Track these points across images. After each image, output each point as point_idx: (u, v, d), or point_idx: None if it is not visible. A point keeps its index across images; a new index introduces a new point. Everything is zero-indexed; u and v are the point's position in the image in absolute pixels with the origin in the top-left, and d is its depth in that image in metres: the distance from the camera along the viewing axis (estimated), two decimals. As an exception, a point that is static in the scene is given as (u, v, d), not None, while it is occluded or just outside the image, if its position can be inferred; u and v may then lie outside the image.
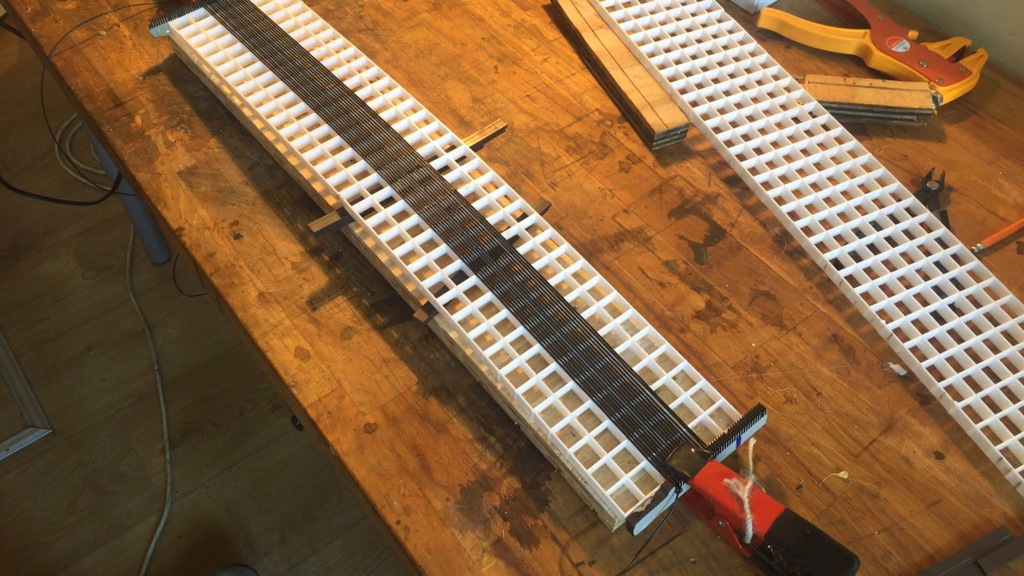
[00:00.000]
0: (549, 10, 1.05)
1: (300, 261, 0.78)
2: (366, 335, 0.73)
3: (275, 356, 0.72)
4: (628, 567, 0.62)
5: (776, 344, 0.74)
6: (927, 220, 0.82)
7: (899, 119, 0.92)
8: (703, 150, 0.90)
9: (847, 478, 0.67)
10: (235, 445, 1.51)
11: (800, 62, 1.00)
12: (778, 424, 0.69)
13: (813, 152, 0.87)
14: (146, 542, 1.39)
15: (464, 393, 0.70)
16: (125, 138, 0.87)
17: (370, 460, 0.66)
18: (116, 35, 0.98)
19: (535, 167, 0.87)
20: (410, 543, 0.62)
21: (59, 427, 1.52)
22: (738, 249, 0.81)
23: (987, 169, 0.90)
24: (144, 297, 1.71)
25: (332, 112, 0.83)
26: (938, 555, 0.63)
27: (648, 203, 0.85)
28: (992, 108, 0.96)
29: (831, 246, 0.80)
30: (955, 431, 0.70)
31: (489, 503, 0.64)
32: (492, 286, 0.71)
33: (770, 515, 0.59)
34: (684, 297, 0.77)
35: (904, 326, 0.75)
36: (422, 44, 0.99)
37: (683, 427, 0.64)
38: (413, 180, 0.78)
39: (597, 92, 0.95)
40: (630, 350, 0.69)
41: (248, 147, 0.87)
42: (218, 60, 0.87)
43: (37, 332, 1.65)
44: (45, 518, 1.42)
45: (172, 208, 0.82)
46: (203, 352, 1.63)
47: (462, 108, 0.92)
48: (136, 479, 1.47)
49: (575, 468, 0.63)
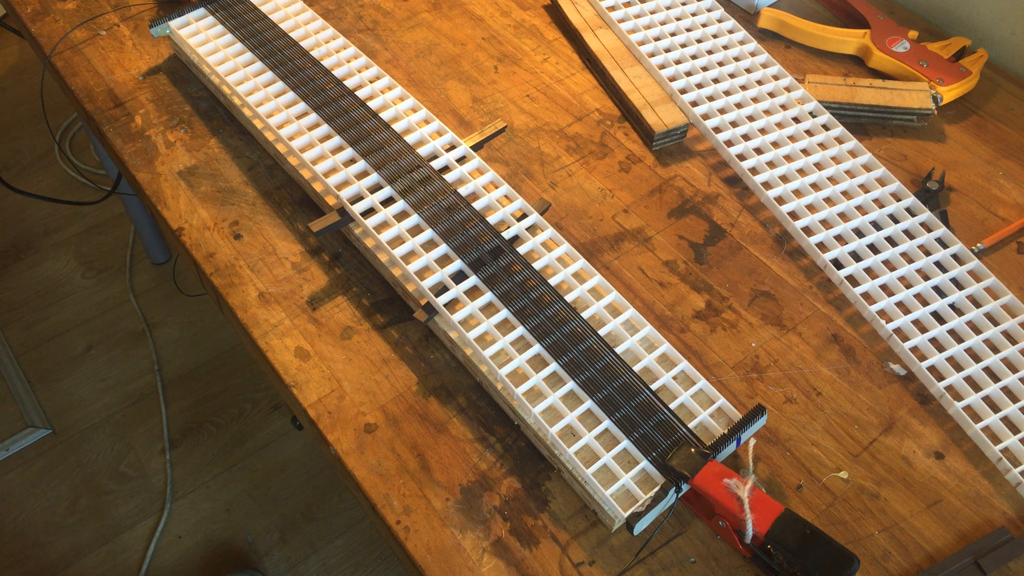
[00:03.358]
0: (549, 10, 1.05)
1: (300, 261, 0.78)
2: (366, 335, 0.73)
3: (275, 356, 0.72)
4: (628, 567, 0.62)
5: (776, 344, 0.74)
6: (927, 220, 0.82)
7: (899, 119, 0.92)
8: (703, 150, 0.90)
9: (847, 478, 0.67)
10: (235, 445, 1.51)
11: (800, 62, 1.00)
12: (778, 424, 0.69)
13: (813, 152, 0.87)
14: (146, 542, 1.39)
15: (464, 393, 0.70)
16: (125, 138, 0.87)
17: (370, 460, 0.66)
18: (116, 35, 0.98)
19: (535, 167, 0.87)
20: (410, 543, 0.62)
21: (59, 427, 1.52)
22: (738, 249, 0.81)
23: (987, 169, 0.90)
24: (144, 297, 1.71)
25: (332, 112, 0.83)
26: (938, 555, 0.63)
27: (648, 203, 0.85)
28: (992, 108, 0.96)
29: (831, 246, 0.80)
30: (955, 431, 0.70)
31: (489, 503, 0.64)
32: (492, 286, 0.71)
33: (770, 515, 0.59)
34: (684, 297, 0.77)
35: (904, 326, 0.75)
36: (422, 44, 0.99)
37: (683, 427, 0.64)
38: (413, 180, 0.78)
39: (597, 92, 0.95)
40: (630, 350, 0.69)
41: (248, 147, 0.87)
42: (218, 60, 0.88)
43: (37, 332, 1.65)
44: (45, 518, 1.42)
45: (172, 208, 0.82)
46: (203, 352, 1.63)
47: (462, 108, 0.92)
48: (136, 479, 1.47)
49: (575, 468, 0.63)
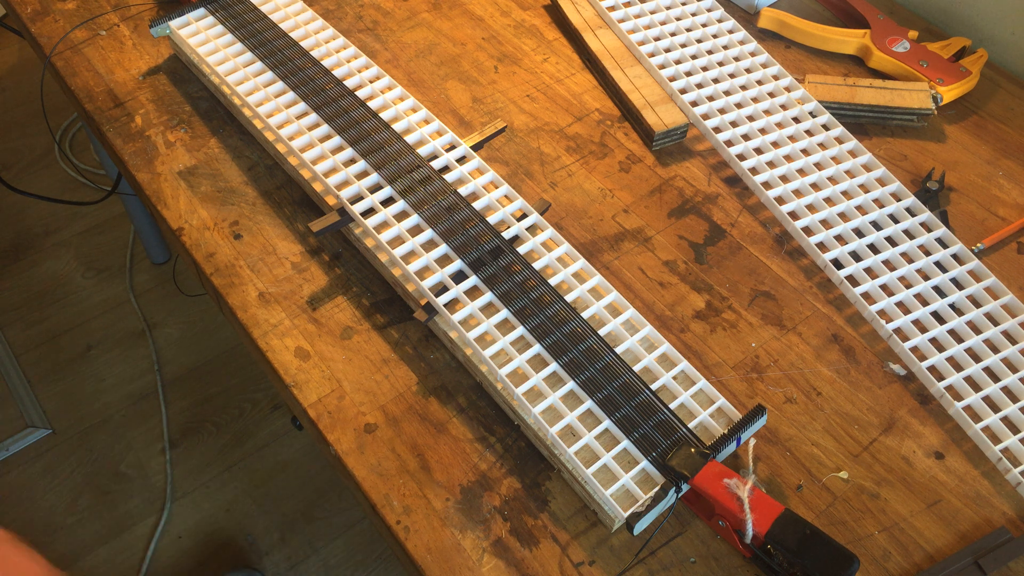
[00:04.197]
0: (549, 10, 1.05)
1: (300, 261, 0.78)
2: (366, 335, 0.73)
3: (275, 356, 0.72)
4: (628, 567, 0.62)
5: (776, 344, 0.74)
6: (927, 220, 0.82)
7: (899, 119, 0.92)
8: (703, 150, 0.90)
9: (847, 478, 0.67)
10: (235, 445, 1.51)
11: (800, 62, 1.00)
12: (778, 424, 0.69)
13: (813, 152, 0.87)
14: (146, 542, 1.39)
15: (464, 393, 0.70)
16: (125, 138, 0.87)
17: (370, 460, 0.66)
18: (116, 35, 0.98)
19: (535, 167, 0.87)
20: (410, 543, 0.62)
21: (59, 427, 1.52)
22: (738, 249, 0.81)
23: (987, 169, 0.90)
24: (144, 297, 1.71)
25: (332, 112, 0.83)
26: (938, 555, 0.63)
27: (648, 203, 0.85)
28: (992, 108, 0.96)
29: (831, 246, 0.80)
30: (955, 431, 0.70)
31: (489, 503, 0.64)
32: (492, 286, 0.71)
33: (770, 515, 0.59)
34: (684, 297, 0.77)
35: (904, 326, 0.75)
36: (422, 44, 0.99)
37: (683, 427, 0.64)
38: (413, 180, 0.78)
39: (597, 92, 0.95)
40: (630, 350, 0.69)
41: (248, 147, 0.87)
42: (218, 60, 0.87)
43: (37, 332, 1.65)
44: (45, 518, 1.42)
45: (172, 208, 0.82)
46: (203, 352, 1.63)
47: (462, 108, 0.92)
48: (136, 479, 1.46)
49: (575, 468, 0.63)
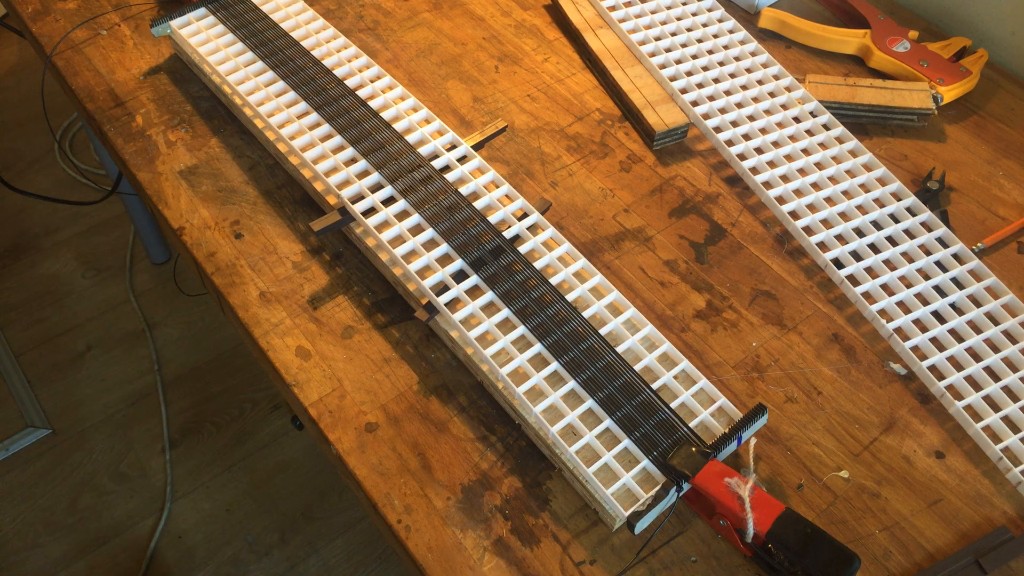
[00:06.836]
0: (550, 10, 1.05)
1: (301, 260, 0.78)
2: (367, 334, 0.73)
3: (276, 355, 0.72)
4: (629, 566, 0.62)
5: (777, 343, 0.74)
6: (927, 220, 0.82)
7: (899, 119, 0.92)
8: (704, 150, 0.90)
9: (848, 477, 0.67)
10: (235, 445, 1.51)
11: (800, 62, 1.00)
12: (779, 423, 0.69)
13: (813, 152, 0.87)
14: (146, 542, 1.39)
15: (465, 392, 0.70)
16: (126, 138, 0.87)
17: (371, 459, 0.66)
18: (117, 35, 0.98)
19: (536, 167, 0.87)
20: (411, 542, 0.62)
21: (59, 427, 1.52)
22: (739, 249, 0.81)
23: (987, 169, 0.90)
24: (144, 297, 1.71)
25: (333, 112, 0.83)
26: (939, 554, 0.63)
27: (649, 203, 0.85)
28: (992, 108, 0.96)
29: (832, 245, 0.80)
30: (956, 430, 0.70)
31: (490, 502, 0.64)
32: (493, 285, 0.72)
33: (771, 514, 0.59)
34: (685, 296, 0.77)
35: (905, 325, 0.75)
36: (423, 44, 0.99)
37: (684, 426, 0.64)
38: (414, 179, 0.78)
39: (598, 92, 0.95)
40: (631, 349, 0.70)
41: (249, 146, 0.87)
42: (219, 60, 0.88)
43: (37, 332, 1.65)
44: (45, 518, 1.42)
45: (173, 208, 0.82)
46: (203, 352, 1.63)
47: (463, 108, 0.93)
48: (136, 479, 1.46)
49: (576, 467, 0.63)
